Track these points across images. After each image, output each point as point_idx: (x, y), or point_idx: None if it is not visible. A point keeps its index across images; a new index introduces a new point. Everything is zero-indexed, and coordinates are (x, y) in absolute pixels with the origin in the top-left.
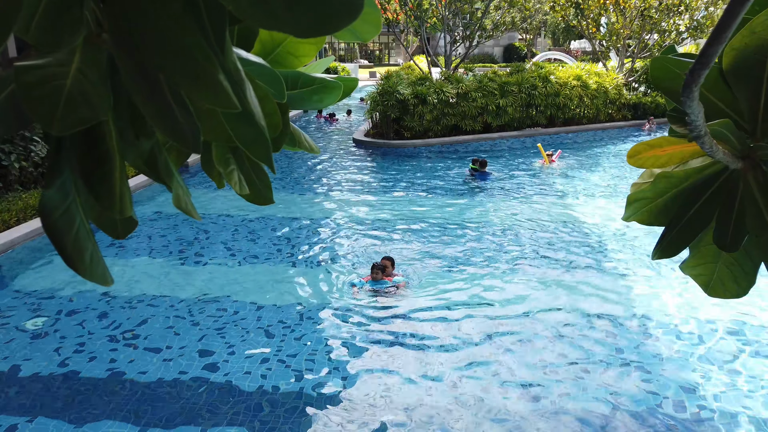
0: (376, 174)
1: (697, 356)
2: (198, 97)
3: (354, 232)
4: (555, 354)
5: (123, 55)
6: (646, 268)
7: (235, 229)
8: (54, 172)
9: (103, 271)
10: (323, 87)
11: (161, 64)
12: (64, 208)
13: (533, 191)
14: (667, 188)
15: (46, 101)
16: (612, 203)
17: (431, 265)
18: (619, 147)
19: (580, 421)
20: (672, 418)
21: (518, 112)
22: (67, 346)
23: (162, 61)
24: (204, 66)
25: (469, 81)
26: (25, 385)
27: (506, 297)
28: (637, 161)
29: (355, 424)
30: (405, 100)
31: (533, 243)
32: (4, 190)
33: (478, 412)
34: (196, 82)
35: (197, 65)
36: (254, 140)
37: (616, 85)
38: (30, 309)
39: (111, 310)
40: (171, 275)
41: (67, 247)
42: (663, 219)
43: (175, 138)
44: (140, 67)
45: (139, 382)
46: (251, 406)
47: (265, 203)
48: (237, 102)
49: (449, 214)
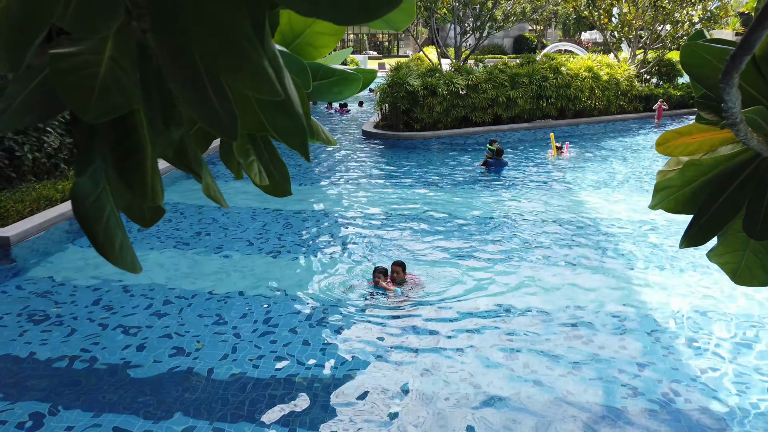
0: (386, 166)
1: (710, 350)
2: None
3: (363, 224)
4: (568, 348)
5: (163, 40)
6: (661, 260)
7: (245, 220)
8: (85, 161)
9: (133, 259)
10: (343, 79)
11: (205, 50)
12: (95, 196)
13: (544, 183)
14: (696, 176)
15: (81, 88)
16: (624, 195)
17: (440, 256)
18: (631, 139)
19: (596, 416)
20: (685, 413)
21: (529, 103)
22: (79, 335)
23: (206, 46)
24: (249, 52)
25: (480, 72)
26: (40, 373)
27: (516, 289)
28: (665, 149)
29: (363, 416)
30: (415, 91)
31: (543, 235)
32: (18, 180)
33: (489, 407)
34: (239, 68)
35: (242, 51)
36: (290, 129)
37: (627, 77)
38: (44, 297)
39: (124, 299)
40: (181, 266)
41: (98, 235)
42: (691, 207)
43: (212, 125)
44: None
45: (151, 371)
46: (262, 397)
47: (284, 195)
48: (280, 89)
49: (459, 207)
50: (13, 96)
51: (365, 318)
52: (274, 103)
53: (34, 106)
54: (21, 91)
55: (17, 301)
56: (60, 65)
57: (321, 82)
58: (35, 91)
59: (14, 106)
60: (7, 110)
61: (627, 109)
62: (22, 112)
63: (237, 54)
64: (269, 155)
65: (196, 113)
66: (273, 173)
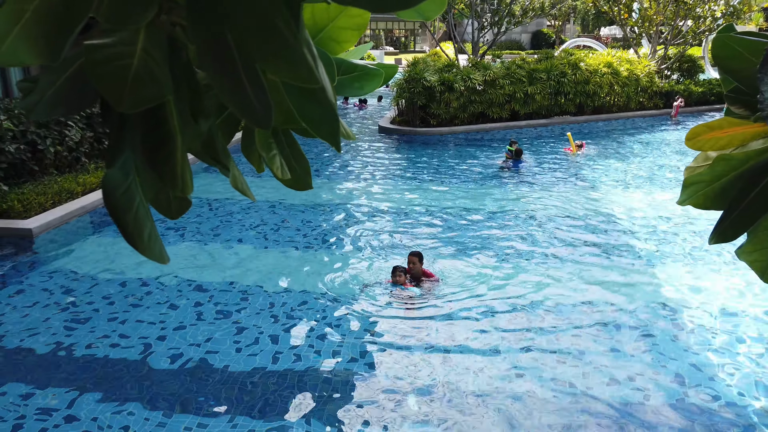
0: (402, 162)
1: (735, 349)
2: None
3: (379, 220)
4: (588, 345)
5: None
6: (682, 257)
7: (262, 214)
8: (116, 152)
9: (161, 250)
10: (365, 74)
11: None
12: (125, 187)
13: (561, 180)
14: (726, 171)
15: (115, 79)
16: (643, 193)
17: (457, 253)
18: (650, 135)
19: (617, 414)
20: (702, 409)
21: (546, 99)
22: (100, 326)
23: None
24: (287, 37)
25: (497, 68)
26: (62, 362)
27: (534, 285)
28: (695, 143)
29: (380, 412)
30: (431, 87)
31: (561, 232)
32: (40, 173)
33: (509, 403)
34: (277, 54)
35: (280, 36)
36: (321, 118)
37: (648, 73)
38: (65, 288)
39: (142, 290)
40: (199, 260)
41: (128, 225)
42: (720, 203)
43: (246, 114)
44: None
45: (169, 362)
46: (279, 391)
47: (305, 188)
48: (318, 76)
49: (475, 203)
50: (45, 88)
51: (383, 315)
52: (304, 93)
53: (65, 98)
54: (53, 83)
55: (40, 292)
56: (94, 56)
57: (343, 77)
58: (66, 84)
59: (46, 98)
60: (40, 102)
61: (647, 105)
62: (54, 104)
63: (274, 39)
64: (291, 149)
65: (230, 102)
66: (294, 167)
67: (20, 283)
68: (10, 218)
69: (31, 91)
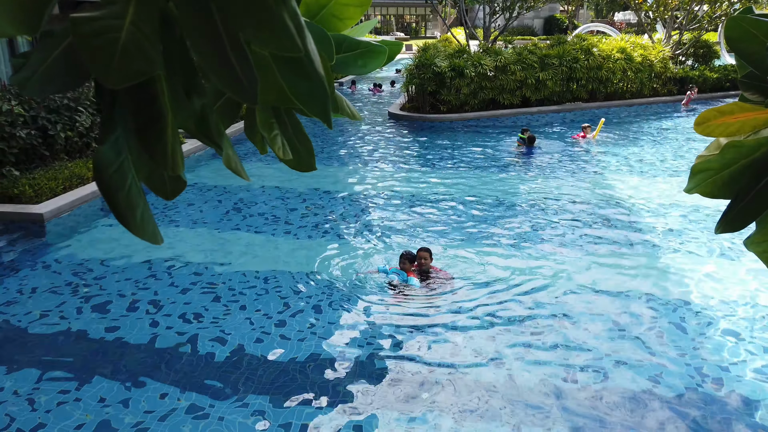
0: (411, 149)
1: (742, 340)
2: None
3: (387, 207)
4: (596, 333)
5: None
6: (692, 246)
7: (269, 200)
8: (107, 129)
9: (154, 230)
10: (368, 51)
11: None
12: (117, 165)
13: (573, 167)
14: (736, 158)
15: (103, 53)
16: (655, 180)
17: (465, 241)
18: (663, 123)
19: (630, 403)
20: (712, 400)
21: (558, 85)
22: (111, 311)
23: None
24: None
25: (508, 53)
26: (72, 345)
27: (543, 274)
28: (704, 129)
29: (385, 401)
30: (442, 73)
31: (571, 219)
32: (51, 159)
33: (518, 392)
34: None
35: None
36: (311, 94)
37: (662, 59)
38: (75, 274)
39: (151, 276)
40: (206, 246)
41: (119, 204)
42: (729, 191)
43: (232, 89)
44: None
45: (178, 347)
46: (285, 376)
47: (308, 170)
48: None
49: (485, 190)
50: (36, 65)
51: (390, 302)
52: (294, 70)
53: (57, 75)
54: (44, 60)
55: (51, 275)
56: (81, 29)
57: (346, 54)
58: (58, 60)
59: (37, 75)
60: (32, 78)
61: (660, 92)
62: (46, 80)
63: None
64: (293, 129)
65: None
66: (297, 147)
67: (32, 266)
68: (22, 203)
69: (22, 67)
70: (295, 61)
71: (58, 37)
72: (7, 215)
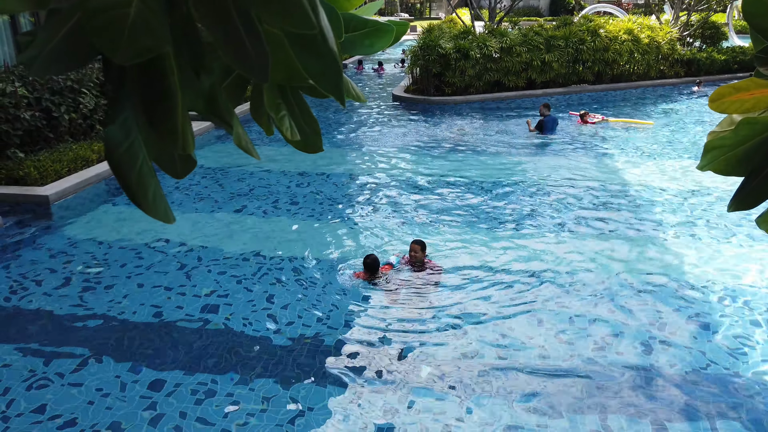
0: (415, 131)
1: (750, 321)
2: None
3: (389, 191)
4: (601, 316)
5: None
6: (700, 228)
7: (274, 183)
8: (115, 108)
9: (166, 209)
10: (376, 30)
11: None
12: (127, 144)
13: (579, 151)
14: (751, 135)
15: (111, 29)
16: (660, 163)
17: (468, 223)
18: (670, 105)
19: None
20: (721, 381)
21: (564, 67)
22: (116, 292)
23: None
24: None
25: (514, 35)
26: (78, 326)
27: (548, 257)
28: (719, 106)
29: (386, 383)
30: (447, 54)
31: (577, 202)
32: (56, 141)
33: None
34: None
35: None
36: (323, 71)
37: (669, 40)
38: (81, 254)
39: (156, 257)
40: (212, 228)
41: (131, 183)
42: (742, 169)
43: (242, 66)
44: None
45: (184, 328)
46: (290, 357)
47: (315, 151)
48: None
49: (489, 173)
50: (43, 44)
51: (394, 287)
52: (307, 47)
53: (64, 53)
54: (51, 38)
55: (57, 256)
56: (90, 5)
57: (353, 33)
58: (65, 38)
59: (44, 54)
60: (39, 56)
61: (667, 74)
62: (51, 60)
63: None
64: (300, 110)
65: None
66: (304, 128)
67: (38, 248)
68: (27, 185)
69: (29, 45)
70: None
71: (65, 15)
72: (12, 197)
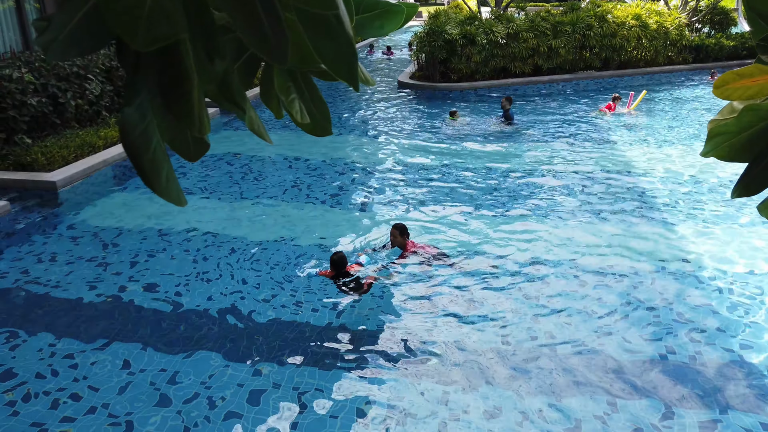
0: (420, 118)
1: (756, 306)
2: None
3: (393, 177)
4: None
5: None
6: (707, 215)
7: (279, 170)
8: (132, 92)
9: (178, 192)
10: (386, 12)
11: None
12: (142, 127)
13: (584, 137)
14: (754, 121)
15: (129, 15)
16: (669, 150)
17: (473, 211)
18: (678, 92)
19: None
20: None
21: (571, 53)
22: (123, 276)
23: None
24: None
25: (521, 20)
26: (87, 310)
27: (553, 244)
28: (723, 92)
29: (389, 369)
30: (453, 40)
31: (582, 191)
32: (62, 127)
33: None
34: None
35: None
36: (338, 56)
37: (677, 26)
38: (89, 240)
39: (163, 242)
40: (219, 213)
41: (145, 166)
42: (746, 155)
43: (261, 48)
44: None
45: (192, 312)
46: (297, 341)
47: (324, 134)
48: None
49: (494, 160)
50: (59, 27)
51: (397, 271)
52: (322, 29)
53: (80, 37)
54: (67, 22)
55: (65, 242)
56: None
57: (363, 15)
58: (80, 23)
59: (61, 37)
60: (55, 40)
61: (675, 60)
62: (69, 43)
63: None
64: (310, 93)
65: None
66: (313, 112)
67: (45, 234)
68: (35, 171)
69: (46, 29)
70: (323, 21)
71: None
72: (20, 183)
